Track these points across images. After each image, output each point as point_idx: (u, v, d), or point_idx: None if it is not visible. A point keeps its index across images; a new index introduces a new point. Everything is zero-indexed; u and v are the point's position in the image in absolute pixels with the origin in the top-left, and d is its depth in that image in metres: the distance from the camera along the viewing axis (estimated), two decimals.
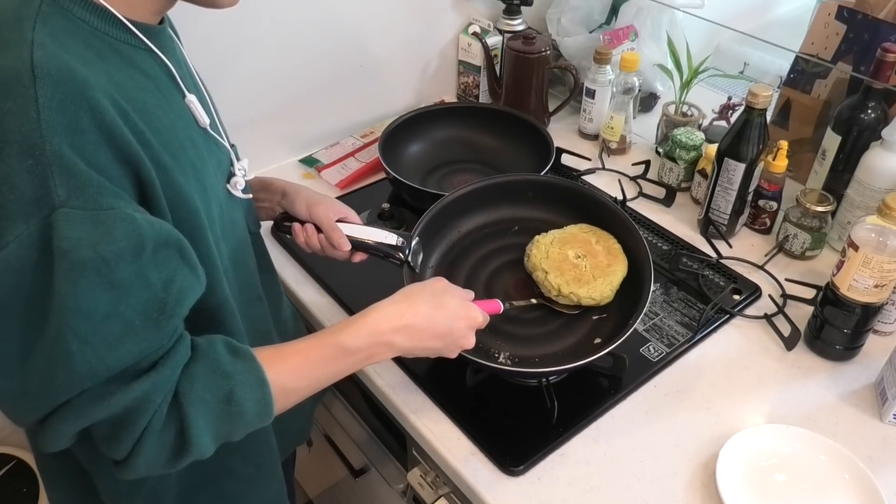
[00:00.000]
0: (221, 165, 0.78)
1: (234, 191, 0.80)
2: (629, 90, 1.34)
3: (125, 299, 0.58)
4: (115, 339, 0.58)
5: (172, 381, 0.62)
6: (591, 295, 0.95)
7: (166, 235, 0.60)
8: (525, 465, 0.86)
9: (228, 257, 0.78)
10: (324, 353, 0.73)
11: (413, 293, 0.80)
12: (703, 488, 0.85)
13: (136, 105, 0.61)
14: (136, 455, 0.62)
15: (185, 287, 0.62)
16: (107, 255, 0.55)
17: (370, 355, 0.75)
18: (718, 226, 1.19)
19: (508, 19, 1.48)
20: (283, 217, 0.94)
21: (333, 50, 1.33)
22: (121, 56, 0.63)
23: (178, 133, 0.67)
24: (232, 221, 0.79)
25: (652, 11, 1.42)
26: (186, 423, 0.62)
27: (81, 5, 0.60)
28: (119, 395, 0.59)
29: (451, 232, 1.06)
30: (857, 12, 1.15)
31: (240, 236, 0.82)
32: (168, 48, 0.70)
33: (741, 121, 1.09)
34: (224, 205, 0.77)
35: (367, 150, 1.39)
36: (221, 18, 1.15)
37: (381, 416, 1.08)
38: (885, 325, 1.03)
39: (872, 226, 0.91)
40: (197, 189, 0.68)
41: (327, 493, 1.64)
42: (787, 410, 0.94)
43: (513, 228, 1.08)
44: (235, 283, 0.80)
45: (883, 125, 1.07)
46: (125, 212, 0.57)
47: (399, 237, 0.92)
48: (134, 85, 0.63)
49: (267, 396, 0.67)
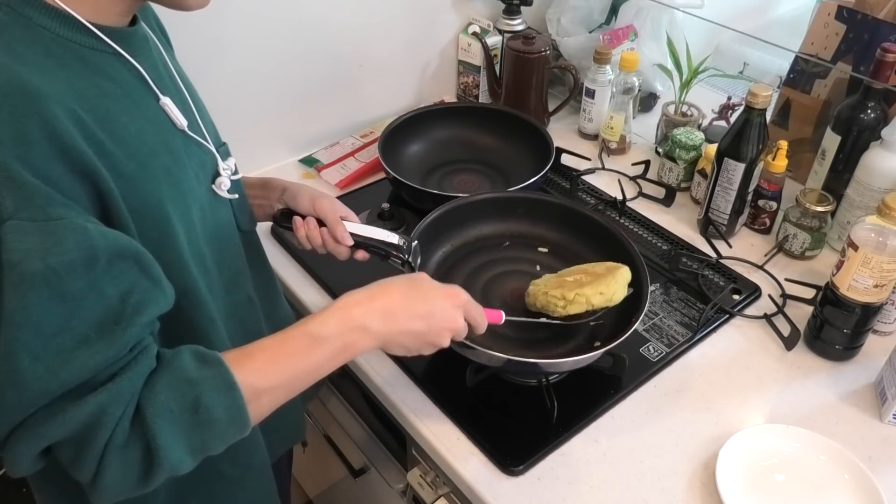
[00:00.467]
0: (205, 166, 0.77)
1: (219, 191, 0.78)
2: (629, 90, 1.34)
3: (78, 312, 0.56)
4: (68, 353, 0.56)
5: (132, 393, 0.59)
6: (600, 290, 0.91)
7: (122, 247, 0.59)
8: (525, 465, 0.86)
9: (212, 258, 0.77)
10: (293, 346, 0.68)
11: (387, 280, 0.76)
12: (702, 488, 0.85)
13: (97, 114, 0.60)
14: (101, 475, 0.58)
15: (145, 300, 0.60)
16: (57, 267, 0.54)
17: (345, 344, 0.70)
18: (718, 226, 1.19)
19: (508, 19, 1.48)
20: (283, 213, 0.93)
21: (333, 50, 1.33)
22: (85, 62, 0.62)
23: (147, 139, 0.66)
24: (217, 222, 0.78)
25: (652, 11, 1.42)
26: (152, 436, 0.59)
27: (43, 13, 0.59)
28: (74, 410, 0.56)
29: (445, 244, 1.07)
30: (857, 12, 1.15)
31: (226, 237, 0.81)
32: (140, 50, 0.68)
33: (741, 121, 1.09)
34: (207, 206, 0.76)
35: (366, 150, 1.39)
36: (221, 18, 1.15)
37: (380, 415, 1.08)
38: (884, 325, 1.03)
39: (872, 226, 0.91)
40: (170, 194, 0.67)
41: (327, 493, 1.64)
42: (787, 410, 0.94)
43: (504, 243, 1.08)
44: (220, 283, 0.79)
45: (882, 125, 1.07)
46: (76, 222, 0.55)
47: (401, 237, 0.92)
48: (97, 92, 0.62)
49: (237, 400, 0.63)
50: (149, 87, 0.69)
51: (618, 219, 1.24)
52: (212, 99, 1.21)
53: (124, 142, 0.62)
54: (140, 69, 0.67)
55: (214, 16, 1.14)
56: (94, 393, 0.57)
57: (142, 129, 0.65)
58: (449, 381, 0.93)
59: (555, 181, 1.33)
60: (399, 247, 0.91)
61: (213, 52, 1.18)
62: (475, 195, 1.07)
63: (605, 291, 0.91)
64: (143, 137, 0.65)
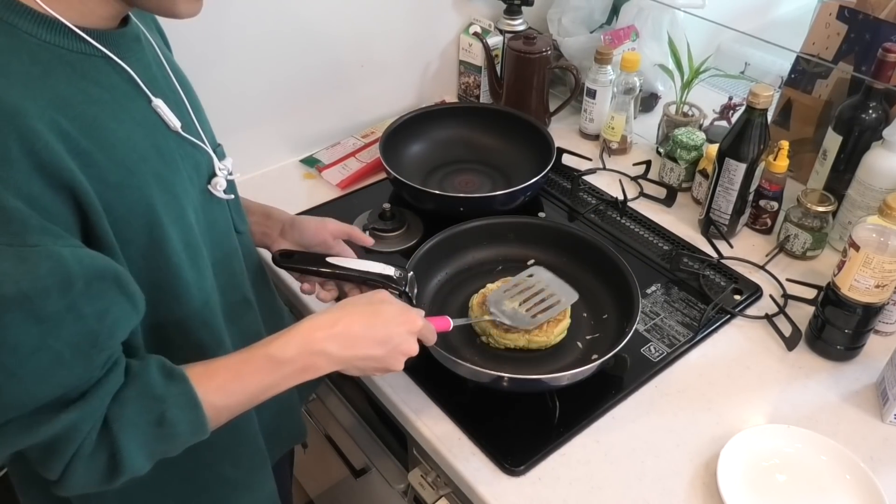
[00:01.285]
0: (199, 168, 0.76)
1: (215, 192, 0.78)
2: (630, 90, 1.34)
3: (54, 332, 0.57)
4: (43, 371, 0.57)
5: (102, 410, 0.62)
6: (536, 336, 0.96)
7: (100, 269, 0.59)
8: (526, 466, 0.86)
9: (210, 260, 0.77)
10: (253, 367, 0.70)
11: (348, 302, 0.78)
12: (704, 488, 0.84)
13: (83, 121, 0.60)
14: (66, 478, 0.62)
15: (119, 318, 0.62)
16: (30, 292, 0.55)
17: (304, 367, 0.72)
18: (719, 226, 1.19)
19: (509, 19, 1.48)
20: (281, 255, 0.94)
21: (334, 50, 1.33)
22: (72, 68, 0.61)
23: (136, 144, 0.65)
24: (212, 223, 0.78)
25: (653, 11, 1.42)
26: (117, 447, 0.62)
27: (28, 19, 0.59)
28: (46, 425, 0.59)
29: (440, 273, 1.07)
30: (859, 12, 1.15)
31: (222, 238, 0.81)
32: (131, 51, 0.67)
33: (742, 121, 1.09)
34: (202, 208, 0.76)
35: (367, 151, 1.39)
36: (223, 19, 1.15)
37: (381, 415, 1.08)
38: (886, 326, 1.03)
39: (873, 226, 0.91)
40: (161, 199, 0.67)
41: (328, 493, 1.64)
42: (788, 410, 0.94)
43: (497, 268, 1.09)
44: (218, 285, 0.79)
45: (884, 125, 1.07)
46: (51, 249, 0.56)
47: (396, 269, 0.92)
48: (85, 99, 0.61)
49: (200, 417, 0.66)
50: (140, 90, 0.68)
51: (619, 219, 1.24)
52: (213, 99, 1.21)
53: (112, 149, 0.62)
54: (130, 72, 0.67)
55: (216, 16, 1.14)
56: (67, 410, 0.60)
57: (131, 134, 0.65)
58: (450, 381, 0.93)
59: (556, 181, 1.33)
60: (395, 279, 0.92)
61: (214, 52, 1.18)
62: (465, 224, 1.08)
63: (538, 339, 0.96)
64: (132, 143, 0.65)
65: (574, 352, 0.98)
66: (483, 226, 1.09)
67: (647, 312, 1.06)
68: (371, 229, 1.18)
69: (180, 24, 0.83)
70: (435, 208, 1.21)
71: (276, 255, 0.94)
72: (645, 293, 1.09)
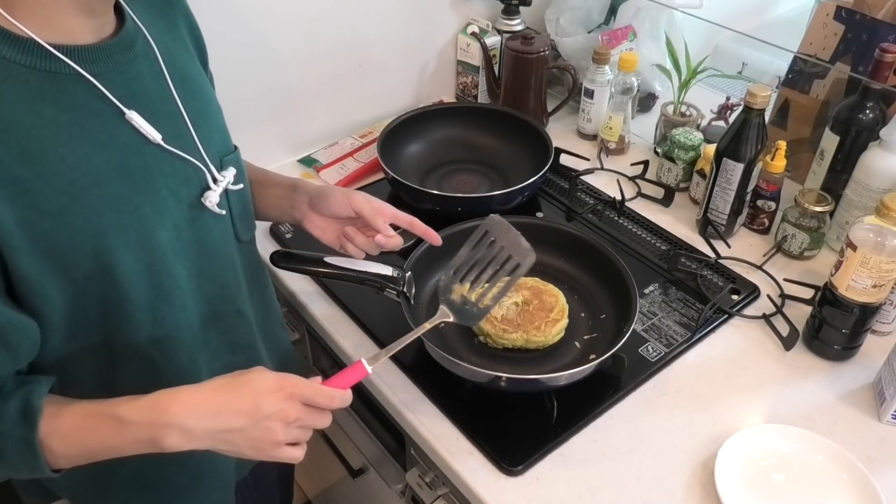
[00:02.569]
0: (190, 181, 0.73)
1: (207, 204, 0.75)
2: (628, 90, 1.34)
3: None
4: None
5: None
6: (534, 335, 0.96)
7: None
8: (524, 465, 0.86)
9: (191, 273, 0.75)
10: (98, 422, 0.65)
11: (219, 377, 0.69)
12: (701, 488, 0.85)
13: (24, 148, 0.59)
14: None
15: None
16: None
17: (152, 437, 0.65)
18: (717, 226, 1.19)
19: (507, 19, 1.48)
20: (279, 254, 0.93)
21: (332, 50, 1.33)
22: (28, 87, 0.60)
23: (91, 167, 0.63)
24: (202, 237, 0.76)
25: (650, 11, 1.42)
26: None
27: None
28: None
29: (438, 273, 1.07)
30: (856, 12, 1.15)
31: (214, 250, 0.78)
32: (113, 65, 0.65)
33: (739, 121, 1.09)
34: (190, 222, 0.74)
35: (365, 151, 1.39)
36: (220, 18, 1.15)
37: (379, 415, 1.08)
38: (883, 325, 1.03)
39: (871, 226, 0.91)
40: (115, 223, 0.65)
41: (326, 493, 1.64)
42: (786, 410, 0.94)
43: None
44: (197, 299, 0.77)
45: (881, 125, 1.07)
46: None
47: (394, 269, 0.92)
48: (34, 122, 0.60)
49: (37, 463, 0.64)
50: (114, 107, 0.65)
51: (616, 219, 1.24)
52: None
53: (54, 176, 0.61)
54: (101, 88, 0.64)
55: (212, 16, 1.14)
56: None
57: (86, 158, 0.63)
58: (448, 380, 0.93)
59: (554, 181, 1.33)
60: (393, 278, 0.92)
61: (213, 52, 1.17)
62: (463, 224, 1.07)
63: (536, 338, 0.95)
64: (85, 167, 0.63)
65: (572, 352, 0.98)
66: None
67: (644, 312, 1.06)
68: None
69: None
70: (433, 208, 1.21)
71: (275, 254, 0.94)
72: (643, 293, 1.09)
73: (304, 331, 1.22)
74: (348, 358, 1.02)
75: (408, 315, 0.91)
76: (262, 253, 1.16)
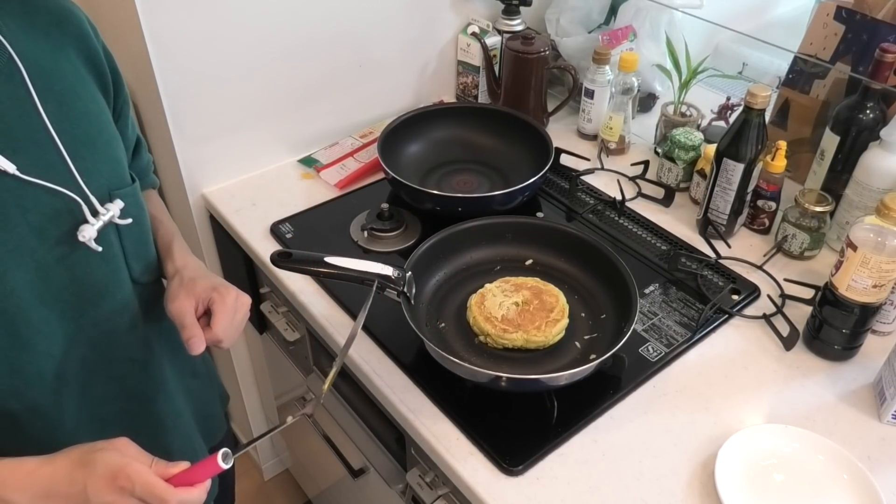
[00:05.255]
0: (59, 216, 0.68)
1: (82, 239, 0.68)
2: (628, 90, 1.34)
3: None
4: None
5: None
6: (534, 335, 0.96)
7: None
8: (524, 465, 0.86)
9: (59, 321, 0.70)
10: None
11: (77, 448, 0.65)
12: (701, 488, 0.85)
13: None
14: None
15: None
16: None
17: None
18: (717, 226, 1.19)
19: (507, 19, 1.48)
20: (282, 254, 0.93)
21: (332, 50, 1.33)
22: None
23: None
24: (76, 278, 0.70)
25: (651, 12, 1.42)
26: None
27: None
28: None
29: (438, 273, 1.07)
30: (856, 13, 1.15)
31: (94, 292, 0.73)
32: None
33: (740, 121, 1.09)
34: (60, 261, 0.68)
35: (366, 151, 1.39)
36: (220, 17, 1.15)
37: (379, 416, 1.08)
38: (883, 325, 1.03)
39: (871, 226, 0.91)
40: None
41: (326, 493, 1.64)
42: (786, 410, 0.94)
43: (495, 268, 1.09)
44: (75, 344, 0.72)
45: (881, 125, 1.07)
46: None
47: (394, 269, 0.92)
48: None
49: None
50: None
51: (617, 219, 1.24)
52: (211, 99, 1.22)
53: None
54: None
55: (212, 15, 1.14)
56: None
57: None
58: (448, 381, 0.93)
59: (554, 181, 1.33)
60: (393, 279, 0.92)
61: (211, 52, 1.18)
62: (463, 224, 1.08)
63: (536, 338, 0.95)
64: None
65: (572, 352, 0.98)
66: (481, 226, 1.09)
67: (644, 312, 1.06)
68: (369, 229, 1.18)
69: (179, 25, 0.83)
70: (433, 208, 1.21)
71: (275, 255, 0.94)
72: (643, 293, 1.09)
73: (304, 331, 1.22)
74: (348, 358, 1.02)
75: (408, 315, 0.91)
76: (262, 253, 1.17)
